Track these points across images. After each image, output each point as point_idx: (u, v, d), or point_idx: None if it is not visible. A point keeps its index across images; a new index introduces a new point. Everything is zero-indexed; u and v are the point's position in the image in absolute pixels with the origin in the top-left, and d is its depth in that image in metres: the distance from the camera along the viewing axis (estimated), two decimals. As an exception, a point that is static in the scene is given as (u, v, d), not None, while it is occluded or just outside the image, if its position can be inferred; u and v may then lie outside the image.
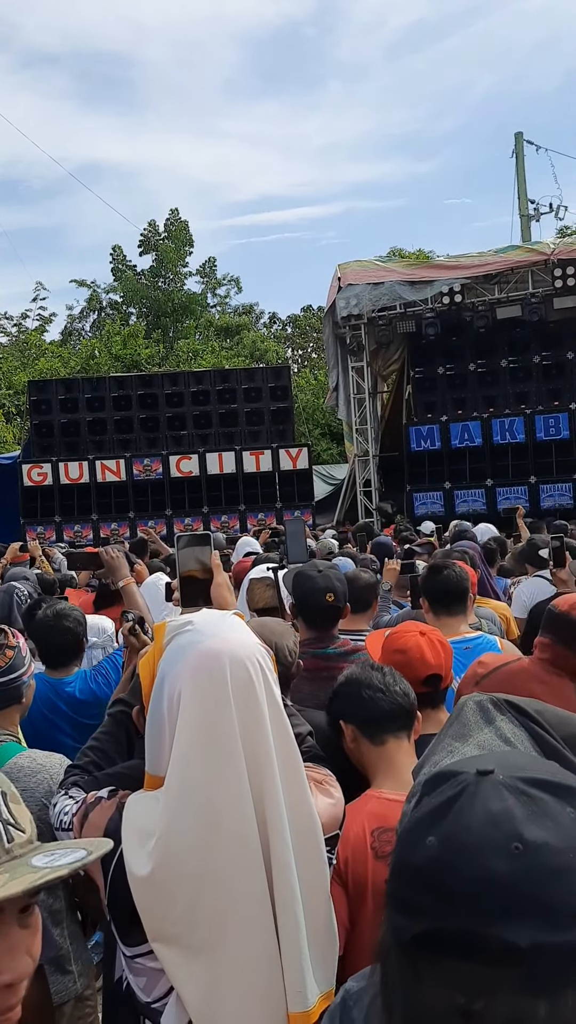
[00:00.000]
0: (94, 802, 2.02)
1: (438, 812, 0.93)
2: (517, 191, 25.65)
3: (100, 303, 40.98)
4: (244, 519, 17.96)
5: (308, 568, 3.81)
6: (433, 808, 0.94)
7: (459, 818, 0.90)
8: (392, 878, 0.96)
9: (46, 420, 19.13)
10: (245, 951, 1.71)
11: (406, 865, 0.93)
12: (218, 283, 42.33)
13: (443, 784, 0.95)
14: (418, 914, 0.89)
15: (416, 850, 0.92)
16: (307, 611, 3.65)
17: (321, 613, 3.62)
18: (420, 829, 0.93)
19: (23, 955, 1.17)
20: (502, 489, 17.44)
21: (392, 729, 2.50)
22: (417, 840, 0.92)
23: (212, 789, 1.71)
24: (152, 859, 1.71)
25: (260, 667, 1.81)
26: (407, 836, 0.95)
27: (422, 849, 0.91)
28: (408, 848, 0.94)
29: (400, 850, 0.96)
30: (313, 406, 31.70)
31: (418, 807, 0.97)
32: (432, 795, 0.96)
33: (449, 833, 0.90)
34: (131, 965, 1.83)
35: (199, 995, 1.69)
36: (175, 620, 1.90)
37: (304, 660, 3.46)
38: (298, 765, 1.85)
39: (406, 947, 0.90)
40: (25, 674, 3.01)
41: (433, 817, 0.93)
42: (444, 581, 4.15)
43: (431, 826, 0.92)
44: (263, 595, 4.27)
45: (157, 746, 1.81)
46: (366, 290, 18.17)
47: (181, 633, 1.83)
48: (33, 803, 2.73)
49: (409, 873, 0.92)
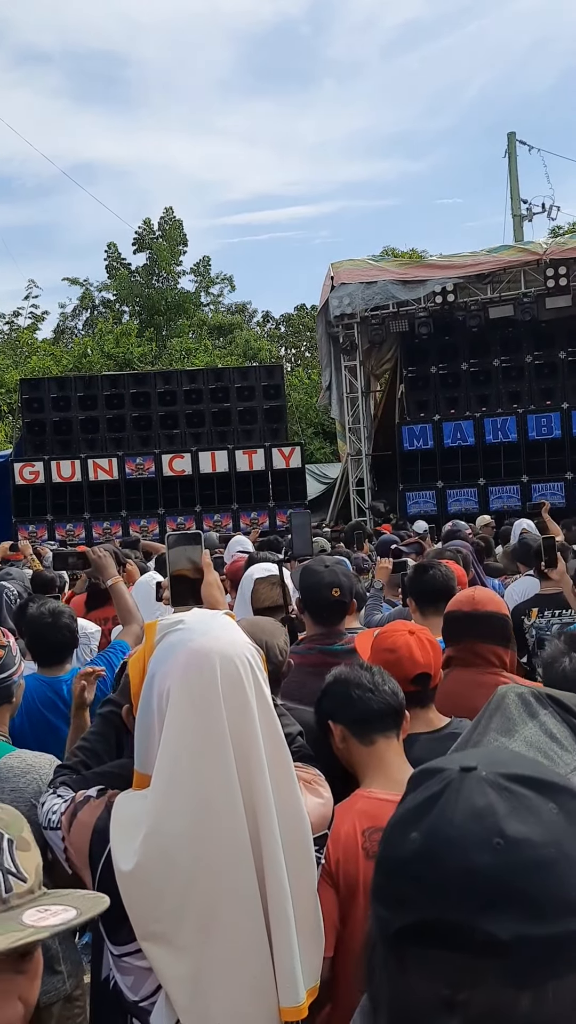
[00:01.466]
0: (83, 801, 2.02)
1: (422, 808, 0.94)
2: (510, 191, 25.70)
3: (93, 301, 40.92)
4: (237, 518, 17.96)
5: (315, 563, 3.81)
6: (417, 804, 0.95)
7: (442, 813, 0.91)
8: (377, 872, 0.97)
9: (38, 418, 19.11)
10: (234, 948, 1.71)
11: (390, 859, 0.94)
12: (211, 282, 42.32)
13: (428, 780, 0.96)
14: (402, 907, 0.90)
15: (400, 844, 0.93)
16: (313, 606, 3.65)
17: (327, 608, 3.62)
18: (404, 824, 0.94)
19: (14, 1001, 1.16)
20: (494, 488, 17.46)
21: (381, 728, 2.50)
22: (401, 835, 0.93)
23: (200, 786, 1.72)
24: (139, 855, 1.71)
25: (250, 666, 1.81)
26: (392, 831, 0.96)
27: (406, 843, 0.92)
28: (392, 843, 0.95)
29: (385, 845, 0.97)
30: (306, 405, 31.70)
31: (403, 803, 0.98)
32: (417, 791, 0.97)
33: (432, 828, 0.91)
34: (119, 964, 1.83)
35: (187, 993, 1.69)
36: (166, 619, 1.90)
37: (311, 656, 3.47)
38: (288, 764, 1.86)
39: (391, 940, 0.91)
40: (15, 673, 3.00)
41: (417, 812, 0.94)
42: (430, 580, 4.20)
43: (415, 821, 0.93)
44: (269, 594, 4.24)
45: (146, 744, 1.81)
46: (359, 289, 18.18)
47: (172, 631, 1.83)
48: (23, 803, 2.73)
49: (393, 866, 0.93)
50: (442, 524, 11.20)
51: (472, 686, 3.37)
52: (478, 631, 3.51)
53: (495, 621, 3.60)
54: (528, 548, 7.27)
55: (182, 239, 40.11)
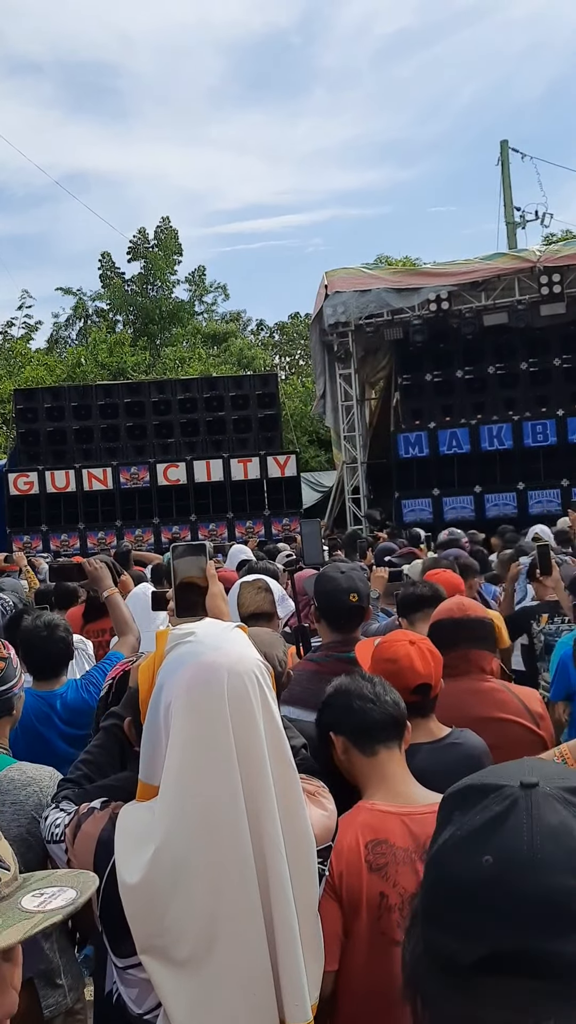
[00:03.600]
0: (87, 813, 2.02)
1: (488, 828, 0.89)
2: (503, 198, 25.78)
3: (86, 311, 40.94)
4: (232, 527, 17.95)
5: (330, 569, 3.79)
6: (482, 824, 0.90)
7: (517, 834, 0.87)
8: (437, 899, 0.91)
9: (32, 428, 19.08)
10: (235, 964, 1.70)
11: (457, 886, 0.89)
12: (205, 290, 42.36)
13: (483, 799, 0.92)
14: (478, 937, 0.85)
15: (469, 869, 0.88)
16: (330, 613, 3.64)
17: (345, 614, 3.61)
18: (470, 846, 0.89)
19: (8, 989, 1.16)
20: (490, 495, 17.46)
21: (383, 739, 2.49)
22: (468, 859, 0.88)
23: (205, 802, 1.71)
24: (144, 869, 1.70)
25: (258, 682, 1.80)
26: (454, 854, 0.91)
27: (477, 868, 0.87)
28: (457, 867, 0.89)
29: (445, 869, 0.91)
30: (301, 413, 31.72)
31: (455, 824, 0.93)
32: (473, 810, 0.92)
33: (507, 850, 0.86)
34: (123, 977, 1.82)
35: (185, 1009, 1.68)
36: (179, 629, 1.89)
37: (327, 664, 3.46)
38: (294, 781, 1.85)
39: (465, 971, 0.86)
40: (16, 686, 2.99)
41: (484, 834, 0.89)
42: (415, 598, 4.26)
43: (483, 843, 0.88)
44: (253, 599, 4.23)
45: (152, 755, 1.80)
46: (353, 297, 18.19)
47: (183, 643, 1.83)
48: (24, 816, 2.72)
49: (464, 894, 0.88)
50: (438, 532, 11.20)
51: (467, 694, 3.37)
52: (470, 637, 3.51)
53: (484, 627, 3.61)
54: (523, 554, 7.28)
55: (177, 248, 40.19)
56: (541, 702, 3.54)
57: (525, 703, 3.42)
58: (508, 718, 3.34)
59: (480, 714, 3.26)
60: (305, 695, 3.13)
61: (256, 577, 4.36)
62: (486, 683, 3.48)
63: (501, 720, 3.31)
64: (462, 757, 2.82)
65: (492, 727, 3.13)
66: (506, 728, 3.27)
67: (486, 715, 3.28)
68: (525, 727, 3.32)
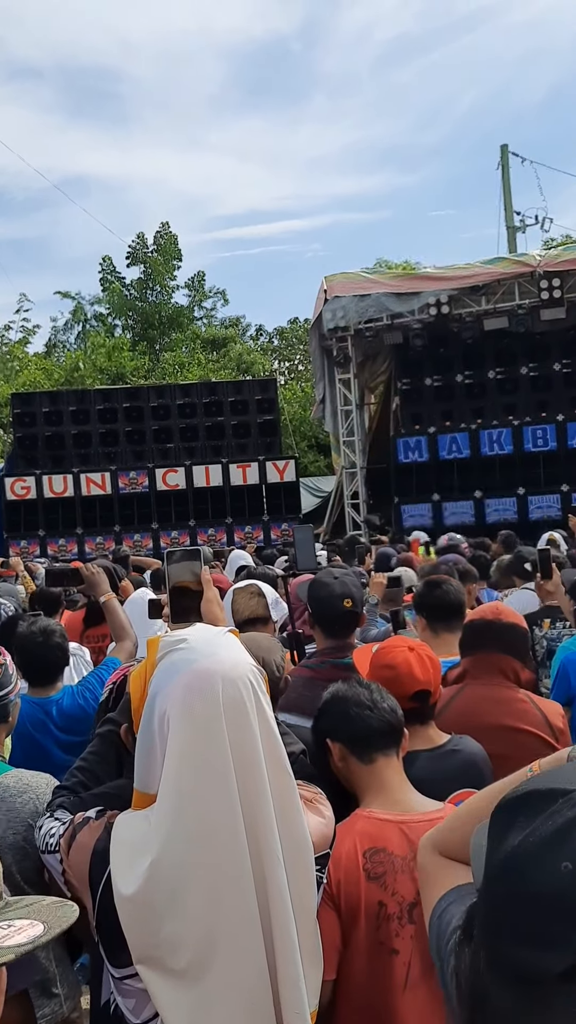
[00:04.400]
0: (82, 822, 2.00)
1: (563, 834, 0.86)
2: (503, 203, 25.81)
3: (85, 315, 40.98)
4: (231, 532, 17.95)
5: (324, 575, 3.78)
6: (555, 831, 0.87)
7: None
8: (509, 911, 0.88)
9: (30, 433, 19.06)
10: (234, 974, 1.68)
11: (534, 896, 0.85)
12: (205, 295, 42.39)
13: (551, 805, 0.89)
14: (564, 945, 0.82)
15: (547, 877, 0.85)
16: (324, 619, 3.63)
17: (339, 620, 3.60)
18: (546, 854, 0.86)
19: None
20: (490, 500, 17.45)
21: (381, 747, 2.47)
22: (546, 866, 0.85)
23: (202, 812, 1.69)
24: (140, 880, 1.68)
25: (252, 687, 1.78)
26: (528, 862, 0.87)
27: (556, 876, 0.84)
28: (534, 875, 0.86)
29: (517, 879, 0.88)
30: (300, 418, 31.71)
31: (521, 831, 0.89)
32: (542, 816, 0.89)
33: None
34: (120, 987, 1.80)
35: (183, 1020, 1.66)
36: (169, 636, 1.87)
37: (323, 670, 3.45)
38: (291, 787, 1.83)
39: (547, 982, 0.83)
40: (12, 692, 2.98)
41: (558, 839, 0.86)
42: (442, 596, 4.11)
43: (560, 849, 0.85)
44: (247, 605, 4.22)
45: (147, 764, 1.78)
46: (352, 302, 18.19)
47: (175, 650, 1.81)
48: (19, 823, 2.71)
49: (543, 902, 0.85)
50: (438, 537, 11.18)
51: (489, 703, 3.33)
52: (499, 641, 3.47)
53: (516, 634, 3.56)
54: (522, 561, 7.26)
55: (177, 253, 40.24)
56: (563, 717, 3.47)
57: (547, 717, 3.36)
58: (525, 729, 3.27)
59: (496, 722, 3.22)
60: (301, 701, 3.11)
61: (249, 583, 4.35)
62: (509, 691, 3.42)
63: (517, 730, 3.26)
64: (461, 764, 2.80)
65: (506, 736, 3.10)
66: (520, 739, 3.21)
67: (502, 724, 3.24)
68: (542, 740, 3.24)
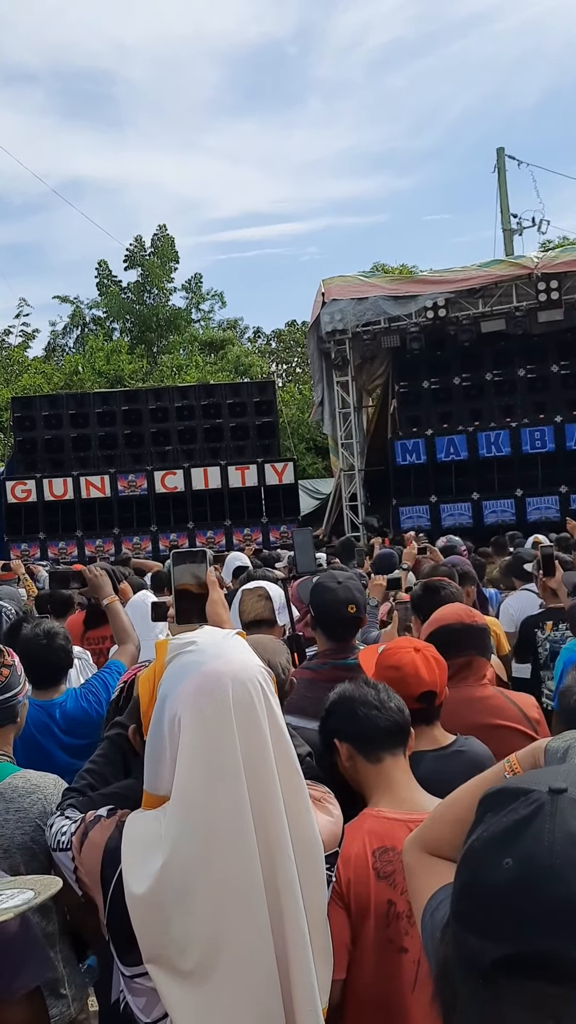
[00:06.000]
0: (93, 821, 2.01)
1: (512, 831, 0.89)
2: (500, 205, 25.84)
3: (83, 319, 40.99)
4: (230, 534, 17.95)
5: (327, 579, 3.78)
6: (507, 827, 0.90)
7: (538, 839, 0.87)
8: (463, 900, 0.92)
9: (30, 436, 19.06)
10: (243, 975, 1.69)
11: (482, 886, 0.89)
12: (202, 298, 42.41)
13: (512, 802, 0.92)
14: (498, 938, 0.85)
15: (493, 871, 0.88)
16: (327, 623, 3.64)
17: (342, 624, 3.61)
18: (493, 849, 0.90)
19: None
20: (488, 502, 17.47)
21: (389, 746, 2.49)
22: (491, 861, 0.89)
23: (213, 813, 1.69)
24: (151, 879, 1.69)
25: (261, 688, 1.79)
26: (478, 856, 0.91)
27: (499, 871, 0.87)
28: (482, 869, 0.90)
29: (472, 870, 0.92)
30: (298, 420, 31.72)
31: (484, 826, 0.93)
32: (501, 814, 0.92)
33: (529, 854, 0.86)
34: (130, 985, 1.81)
35: (191, 1020, 1.67)
36: (178, 639, 1.88)
37: (325, 671, 3.46)
38: (301, 788, 1.84)
39: (485, 971, 0.86)
40: (20, 693, 2.99)
41: (507, 837, 0.89)
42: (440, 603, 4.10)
43: (506, 846, 0.88)
44: (254, 607, 4.23)
45: (156, 766, 1.79)
46: (350, 305, 18.21)
47: (184, 653, 1.82)
48: (28, 823, 2.71)
49: (485, 895, 0.88)
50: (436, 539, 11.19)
51: (467, 703, 3.36)
52: (476, 644, 3.51)
53: (486, 634, 3.63)
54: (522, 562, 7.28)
55: (174, 256, 40.25)
56: (538, 708, 3.54)
57: (523, 709, 3.42)
58: (505, 724, 3.34)
59: (479, 721, 3.26)
60: (303, 703, 3.12)
61: (257, 584, 4.35)
62: (484, 689, 3.49)
63: (498, 727, 3.31)
64: (467, 765, 2.80)
65: (488, 734, 3.12)
66: (505, 735, 3.26)
67: (483, 722, 3.27)
68: (522, 733, 3.32)
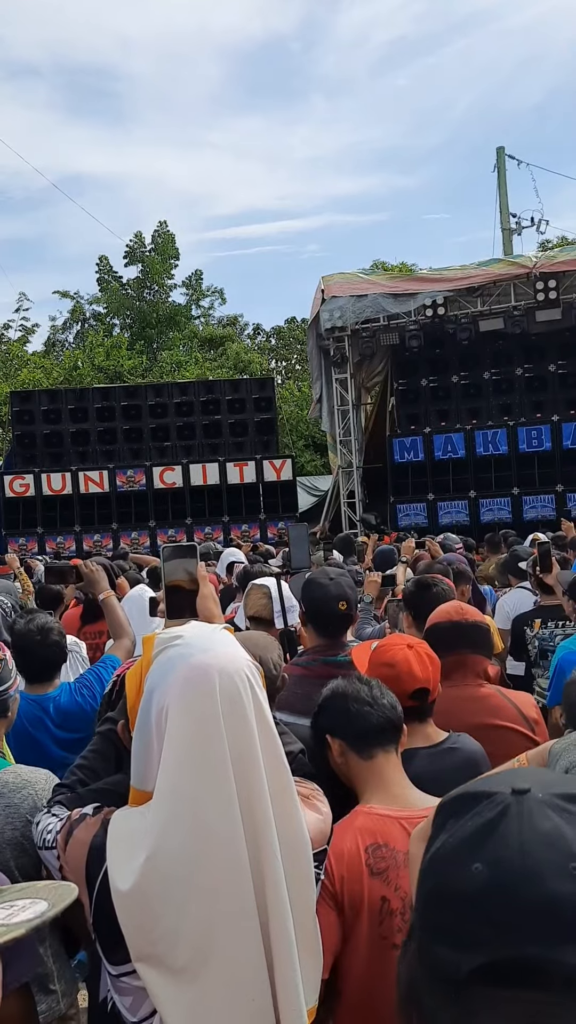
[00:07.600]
0: (78, 819, 1.99)
1: (479, 835, 0.87)
2: (499, 205, 25.80)
3: (83, 314, 40.97)
4: (228, 530, 17.96)
5: (319, 576, 3.77)
6: (474, 831, 0.88)
7: (506, 841, 0.85)
8: (430, 909, 0.89)
9: (28, 431, 19.09)
10: (232, 972, 1.68)
11: (452, 894, 0.86)
12: (202, 294, 42.39)
13: (476, 806, 0.90)
14: (472, 947, 0.83)
15: (462, 877, 0.85)
16: (319, 619, 3.63)
17: (334, 621, 3.60)
18: (461, 855, 0.87)
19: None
20: (485, 500, 17.49)
21: (381, 743, 2.47)
22: (459, 867, 0.86)
23: (200, 805, 1.68)
24: (137, 875, 1.68)
25: (249, 682, 1.78)
26: (444, 863, 0.88)
27: (469, 876, 0.85)
28: (451, 875, 0.87)
29: (437, 878, 0.89)
30: (297, 417, 31.73)
31: (448, 831, 0.90)
32: (465, 817, 0.90)
33: (498, 857, 0.84)
34: (116, 984, 1.80)
35: (181, 1018, 1.66)
36: (164, 633, 1.87)
37: (315, 668, 3.45)
38: (288, 783, 1.83)
39: (461, 983, 0.83)
40: (11, 687, 2.97)
41: (475, 840, 0.87)
42: (432, 599, 4.10)
43: (474, 851, 0.86)
44: (257, 603, 4.25)
45: (144, 760, 1.78)
46: (350, 302, 18.21)
47: (170, 646, 1.81)
48: (18, 819, 2.70)
49: (456, 904, 0.85)
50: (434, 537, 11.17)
51: (463, 701, 3.35)
52: (468, 641, 3.50)
53: (481, 632, 3.60)
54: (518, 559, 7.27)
55: (174, 252, 40.24)
56: (536, 707, 3.52)
57: (521, 709, 3.41)
58: (504, 724, 3.32)
59: (476, 721, 3.24)
60: (293, 699, 3.11)
61: (265, 582, 4.36)
62: (481, 689, 3.47)
63: (495, 727, 3.30)
64: (460, 762, 2.80)
65: (486, 734, 3.11)
66: (502, 735, 3.25)
67: (482, 722, 3.26)
68: (520, 733, 3.31)
